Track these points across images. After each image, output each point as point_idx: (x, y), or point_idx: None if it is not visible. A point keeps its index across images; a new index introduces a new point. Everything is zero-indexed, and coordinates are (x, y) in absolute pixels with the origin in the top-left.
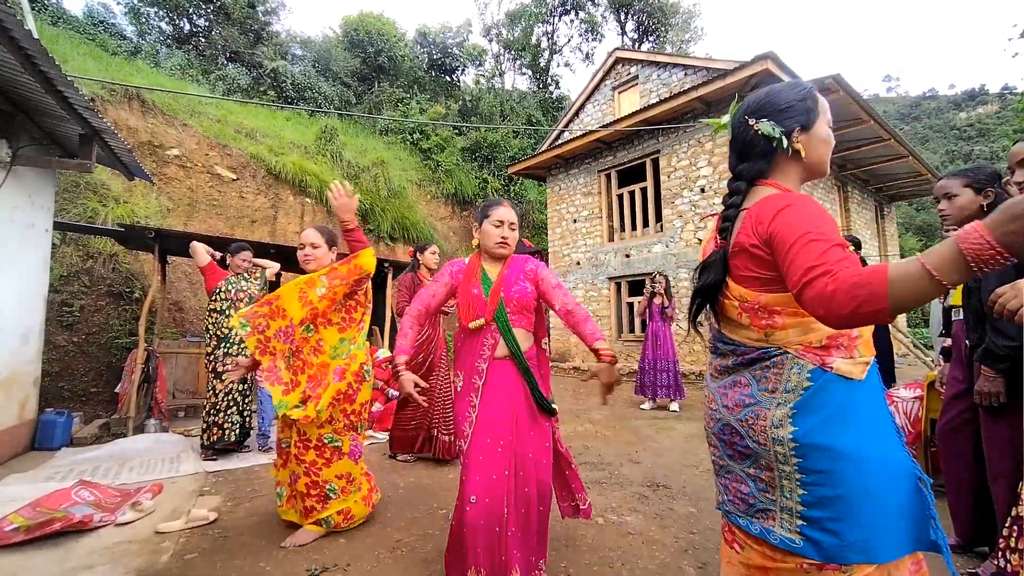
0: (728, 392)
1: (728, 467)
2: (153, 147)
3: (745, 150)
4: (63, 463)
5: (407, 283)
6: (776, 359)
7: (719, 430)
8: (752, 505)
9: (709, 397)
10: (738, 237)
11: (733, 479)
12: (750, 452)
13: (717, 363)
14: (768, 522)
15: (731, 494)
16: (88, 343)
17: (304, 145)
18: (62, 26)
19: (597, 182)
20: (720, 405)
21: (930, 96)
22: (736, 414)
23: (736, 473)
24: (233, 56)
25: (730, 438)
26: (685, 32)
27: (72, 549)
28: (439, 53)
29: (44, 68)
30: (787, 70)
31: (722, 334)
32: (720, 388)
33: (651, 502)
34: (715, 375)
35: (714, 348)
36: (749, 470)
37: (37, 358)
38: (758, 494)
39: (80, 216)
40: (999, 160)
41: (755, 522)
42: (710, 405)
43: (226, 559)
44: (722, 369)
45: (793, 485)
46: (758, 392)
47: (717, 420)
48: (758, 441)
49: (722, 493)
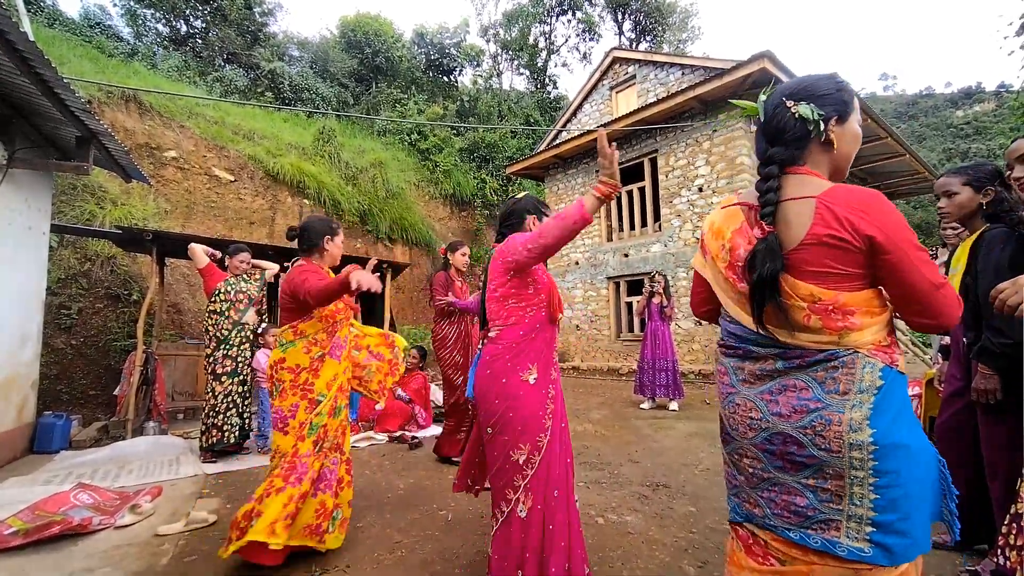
0: (778, 399)
1: (775, 479)
2: (150, 149)
3: (778, 134)
4: (62, 466)
5: (441, 281)
6: (845, 359)
7: (764, 441)
8: (810, 517)
9: (743, 405)
10: (814, 229)
11: (783, 491)
12: (813, 461)
13: (751, 367)
14: (830, 533)
15: (777, 507)
16: (86, 346)
17: (302, 146)
18: (58, 28)
19: (595, 182)
20: (768, 413)
21: (927, 94)
22: (795, 421)
23: (788, 485)
24: (230, 57)
25: (782, 448)
26: (682, 32)
27: (71, 552)
28: (436, 53)
29: (40, 71)
30: (784, 69)
31: (764, 336)
32: (763, 395)
33: (651, 502)
34: (750, 381)
35: (744, 352)
36: (808, 480)
37: (35, 361)
38: (820, 505)
39: (78, 219)
40: (996, 158)
41: (813, 534)
42: (748, 414)
43: (226, 562)
44: (761, 374)
45: (865, 491)
46: (824, 395)
47: (761, 430)
48: (828, 448)
49: (763, 507)
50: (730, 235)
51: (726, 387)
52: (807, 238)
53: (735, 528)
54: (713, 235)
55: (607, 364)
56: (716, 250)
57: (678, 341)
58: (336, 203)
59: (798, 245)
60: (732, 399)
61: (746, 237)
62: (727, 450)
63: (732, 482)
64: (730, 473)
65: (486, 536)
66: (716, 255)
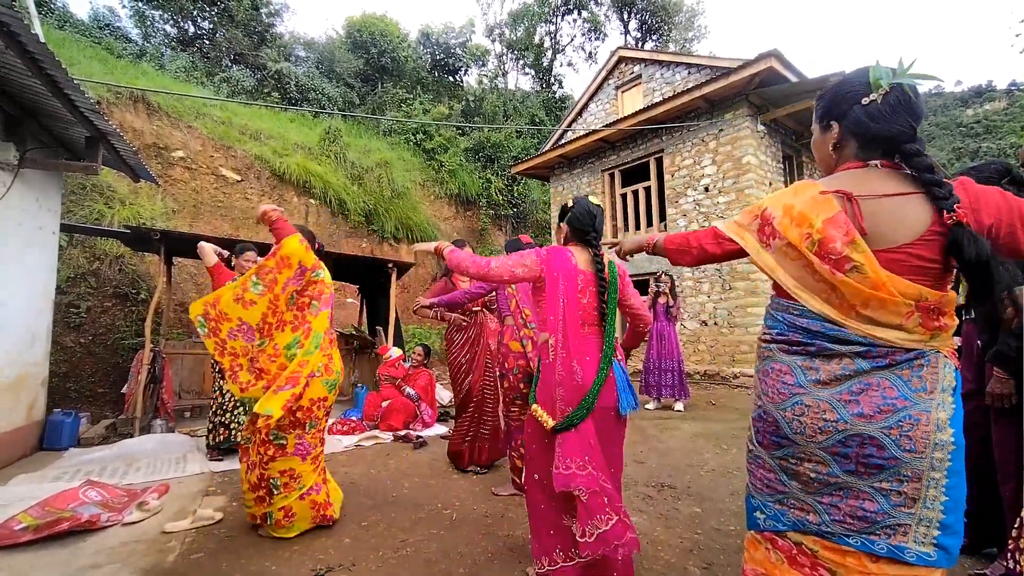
0: (859, 399)
1: (843, 483)
2: (158, 149)
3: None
4: (71, 463)
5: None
6: (931, 358)
7: (837, 443)
8: (877, 523)
9: (816, 407)
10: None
11: (850, 496)
12: (893, 463)
13: (828, 367)
14: (898, 538)
15: (840, 513)
16: (95, 344)
17: (308, 146)
18: (68, 30)
19: (600, 181)
20: (846, 415)
21: (936, 93)
22: (879, 422)
23: (858, 490)
24: (237, 58)
25: (858, 451)
26: (688, 31)
27: (79, 549)
28: (442, 53)
29: (51, 72)
30: (792, 68)
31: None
32: (840, 395)
33: (656, 502)
34: (825, 381)
35: (817, 348)
36: (882, 484)
37: (45, 359)
38: (891, 510)
39: (86, 218)
40: (1007, 156)
41: (878, 540)
42: (822, 416)
43: (232, 559)
44: (841, 374)
45: (939, 492)
46: (912, 394)
47: (833, 432)
48: (913, 449)
49: (821, 513)
50: (821, 224)
51: (789, 387)
52: (926, 233)
53: (773, 539)
54: (794, 221)
55: None
56: (798, 238)
57: (684, 342)
58: (342, 203)
59: (912, 240)
60: (799, 400)
61: (842, 228)
62: (778, 454)
63: (776, 488)
64: (773, 479)
65: (490, 535)
66: (798, 242)
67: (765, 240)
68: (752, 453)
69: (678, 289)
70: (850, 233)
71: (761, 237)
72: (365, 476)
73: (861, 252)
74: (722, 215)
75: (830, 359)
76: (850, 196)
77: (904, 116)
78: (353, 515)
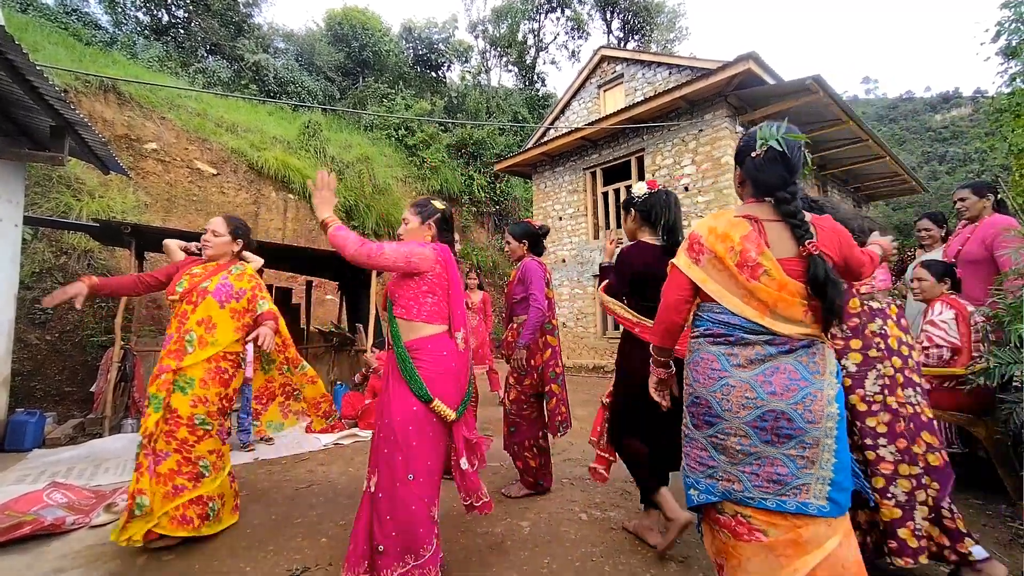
0: (771, 380)
1: (761, 453)
2: (130, 140)
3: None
4: (35, 464)
5: None
6: (820, 346)
7: (756, 418)
8: (787, 484)
9: (739, 387)
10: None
11: (767, 464)
12: (799, 433)
13: (745, 353)
14: (802, 496)
15: (759, 479)
16: (62, 341)
17: (287, 140)
18: (32, 14)
19: (582, 180)
20: (763, 393)
21: (907, 98)
22: (788, 399)
23: (772, 457)
24: (213, 48)
25: (773, 423)
26: (670, 31)
27: (42, 553)
28: (425, 48)
29: (11, 56)
30: (769, 71)
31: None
32: (757, 377)
33: (634, 497)
34: (744, 365)
35: (735, 339)
36: (790, 451)
37: (6, 357)
38: (797, 472)
39: (53, 211)
40: (972, 161)
41: (788, 499)
42: (743, 395)
43: (205, 560)
44: (753, 359)
45: (830, 455)
46: (810, 376)
47: (753, 408)
48: (813, 420)
49: (744, 481)
50: (739, 239)
51: (716, 372)
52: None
53: (716, 517)
54: (718, 239)
55: (593, 361)
56: (724, 251)
57: None
58: None
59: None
60: (725, 382)
61: (754, 242)
62: (708, 433)
63: (707, 464)
64: (705, 456)
65: (468, 532)
66: (723, 256)
67: (695, 257)
68: (687, 437)
69: None
70: (760, 246)
71: (691, 255)
72: (343, 474)
73: (768, 259)
74: (701, 215)
75: (745, 346)
76: (755, 219)
77: (778, 169)
78: (330, 514)
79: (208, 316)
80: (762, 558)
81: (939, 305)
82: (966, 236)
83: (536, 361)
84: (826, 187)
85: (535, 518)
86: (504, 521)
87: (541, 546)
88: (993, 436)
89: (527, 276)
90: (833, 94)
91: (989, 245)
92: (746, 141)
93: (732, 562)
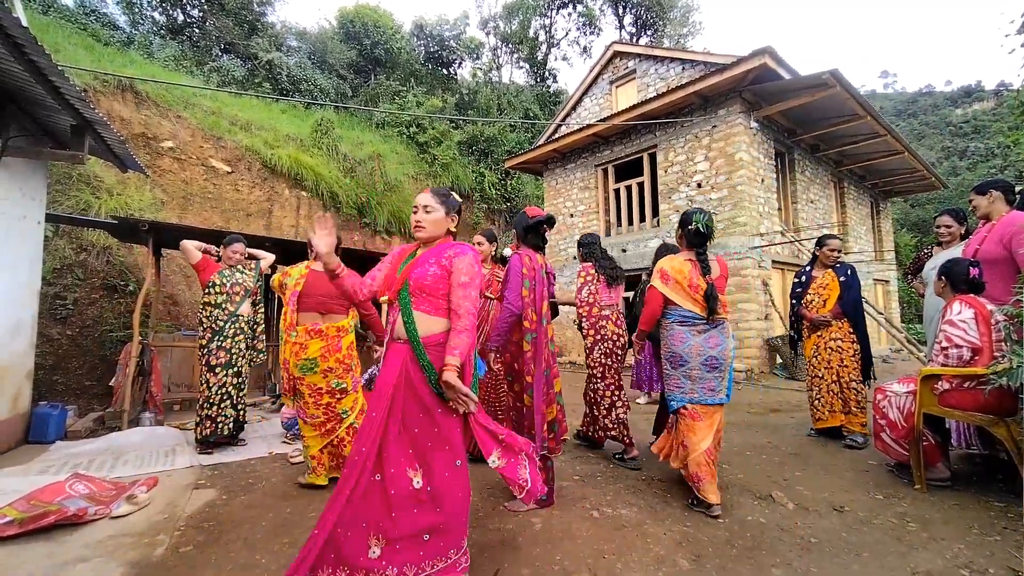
0: (708, 341)
1: (705, 377)
2: (147, 139)
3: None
4: (57, 456)
5: None
6: (726, 324)
7: (703, 360)
8: (715, 390)
9: (696, 346)
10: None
11: (708, 382)
12: (720, 366)
13: (695, 328)
14: (719, 396)
15: (705, 390)
16: (82, 336)
17: (300, 138)
18: (53, 15)
19: (594, 177)
20: (705, 348)
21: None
22: (716, 350)
23: (709, 379)
24: (227, 47)
25: (710, 362)
26: (683, 26)
27: (66, 542)
28: (436, 46)
29: (34, 57)
30: (785, 65)
31: (706, 318)
32: (702, 340)
33: (645, 496)
34: (696, 333)
35: (691, 322)
36: (717, 375)
37: (30, 351)
38: (718, 385)
39: (73, 208)
40: (995, 156)
41: (715, 397)
42: (698, 349)
43: (221, 552)
44: (699, 331)
45: (727, 376)
46: (724, 339)
47: (702, 355)
48: (724, 359)
49: (698, 392)
50: (688, 272)
51: (683, 339)
52: (719, 277)
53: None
54: (676, 272)
55: None
56: (681, 279)
57: None
58: (334, 195)
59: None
60: (688, 343)
61: (696, 274)
62: (680, 371)
63: (680, 386)
64: (679, 382)
65: (480, 527)
66: (680, 281)
67: (665, 282)
68: (668, 374)
69: None
70: (698, 275)
71: (662, 280)
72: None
73: (703, 282)
74: (714, 211)
75: (694, 326)
76: (693, 260)
77: (701, 238)
78: None
79: None
80: (703, 426)
81: (957, 304)
82: (983, 235)
83: (519, 365)
84: (843, 183)
85: (547, 515)
86: (516, 518)
87: (553, 543)
88: (1015, 437)
89: (506, 273)
90: (850, 88)
91: (1007, 243)
92: (685, 218)
93: (691, 435)
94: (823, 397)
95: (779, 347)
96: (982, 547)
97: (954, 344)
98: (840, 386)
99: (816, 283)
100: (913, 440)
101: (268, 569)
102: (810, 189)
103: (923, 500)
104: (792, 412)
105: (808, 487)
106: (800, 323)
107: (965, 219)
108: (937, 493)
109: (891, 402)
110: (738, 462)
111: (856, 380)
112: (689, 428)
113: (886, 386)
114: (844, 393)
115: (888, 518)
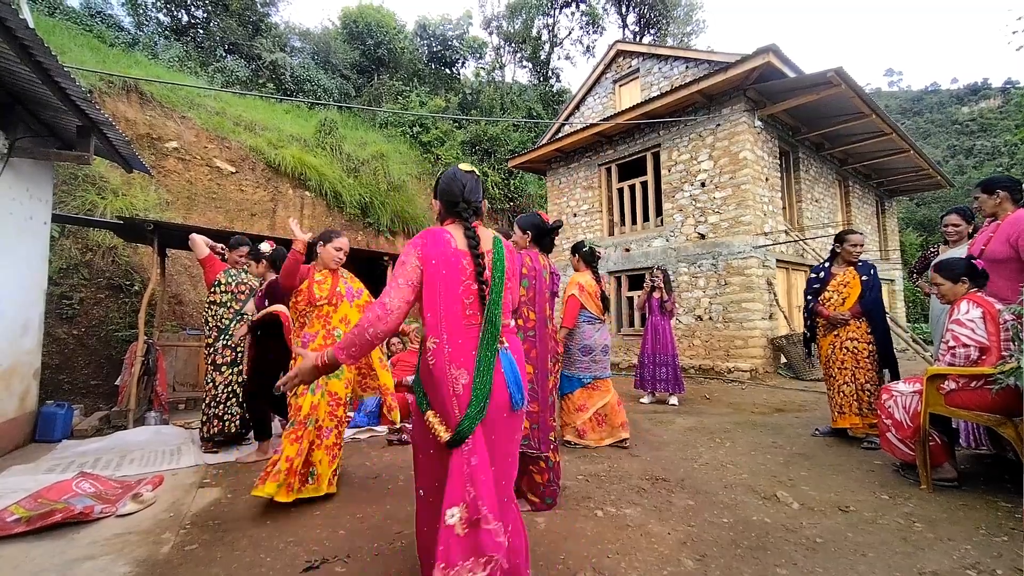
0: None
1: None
2: (151, 139)
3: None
4: (64, 455)
5: None
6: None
7: (602, 348)
8: (606, 368)
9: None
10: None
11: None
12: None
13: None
14: (607, 371)
15: (603, 368)
16: (88, 336)
17: (303, 138)
18: (59, 16)
19: (597, 176)
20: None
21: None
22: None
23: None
24: (231, 48)
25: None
26: (687, 25)
27: (73, 540)
28: (439, 45)
29: (40, 59)
30: (789, 63)
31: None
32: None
33: (649, 495)
34: (597, 330)
35: (592, 320)
36: (608, 357)
37: (37, 350)
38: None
39: (78, 209)
40: (1001, 155)
41: (606, 373)
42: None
43: (226, 551)
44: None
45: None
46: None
47: (601, 344)
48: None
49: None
50: (594, 285)
51: (591, 331)
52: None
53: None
54: (587, 284)
55: None
56: (591, 290)
57: (678, 336)
58: (337, 195)
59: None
60: (593, 336)
61: (600, 286)
62: (588, 357)
63: (586, 366)
64: (586, 364)
65: None
66: (590, 292)
67: (580, 293)
68: (579, 361)
69: (673, 284)
70: (601, 287)
71: (579, 292)
72: (361, 468)
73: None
74: (718, 210)
75: (594, 323)
76: (597, 275)
77: (593, 258)
78: (348, 507)
79: (346, 315)
80: (599, 395)
81: (965, 304)
82: (989, 234)
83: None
84: (848, 182)
85: (551, 514)
86: None
87: (557, 542)
88: (1022, 437)
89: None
90: (855, 87)
91: (1014, 243)
92: (577, 245)
93: (589, 401)
94: (835, 398)
95: (784, 347)
96: (989, 547)
97: (962, 343)
98: (855, 387)
99: (836, 280)
100: (919, 440)
101: (273, 568)
102: (815, 188)
103: (929, 500)
104: (797, 412)
105: (813, 487)
106: (815, 321)
107: (972, 218)
108: (943, 493)
109: (897, 402)
110: (743, 462)
111: (871, 382)
112: (589, 396)
113: (892, 385)
114: (859, 394)
115: (894, 518)
